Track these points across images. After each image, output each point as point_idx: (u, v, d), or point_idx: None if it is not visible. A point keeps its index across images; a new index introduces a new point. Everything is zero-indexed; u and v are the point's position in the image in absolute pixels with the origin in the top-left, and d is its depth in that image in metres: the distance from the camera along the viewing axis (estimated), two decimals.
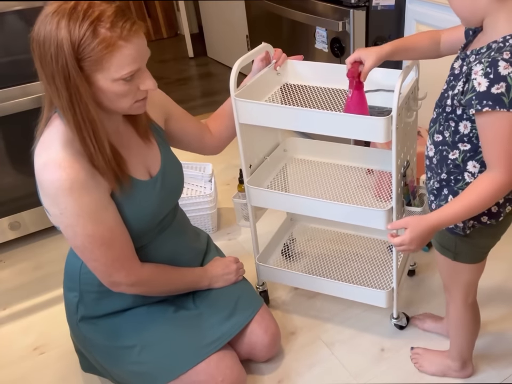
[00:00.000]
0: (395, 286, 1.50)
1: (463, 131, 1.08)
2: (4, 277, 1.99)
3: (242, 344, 1.44)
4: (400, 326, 1.60)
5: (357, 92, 1.26)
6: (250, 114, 1.37)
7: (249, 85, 1.43)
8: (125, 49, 1.04)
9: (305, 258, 1.79)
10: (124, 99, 1.12)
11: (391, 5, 2.16)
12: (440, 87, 1.16)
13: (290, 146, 1.74)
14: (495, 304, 1.67)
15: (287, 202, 1.49)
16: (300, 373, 1.51)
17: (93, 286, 1.31)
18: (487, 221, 1.13)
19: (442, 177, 1.15)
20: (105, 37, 1.02)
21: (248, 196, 1.53)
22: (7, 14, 1.74)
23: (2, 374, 1.59)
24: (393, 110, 1.20)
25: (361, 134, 1.28)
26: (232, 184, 2.38)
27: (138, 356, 1.32)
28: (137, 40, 1.07)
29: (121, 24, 1.03)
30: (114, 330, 1.35)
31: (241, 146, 1.46)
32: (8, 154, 1.95)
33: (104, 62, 1.04)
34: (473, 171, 1.10)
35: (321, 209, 1.44)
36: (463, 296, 1.29)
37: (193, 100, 3.47)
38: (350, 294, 1.57)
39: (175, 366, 1.31)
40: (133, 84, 1.10)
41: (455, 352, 1.42)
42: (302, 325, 1.66)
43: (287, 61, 1.54)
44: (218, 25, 3.81)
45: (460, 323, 1.35)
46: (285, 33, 2.65)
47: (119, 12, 1.05)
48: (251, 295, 1.52)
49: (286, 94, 1.51)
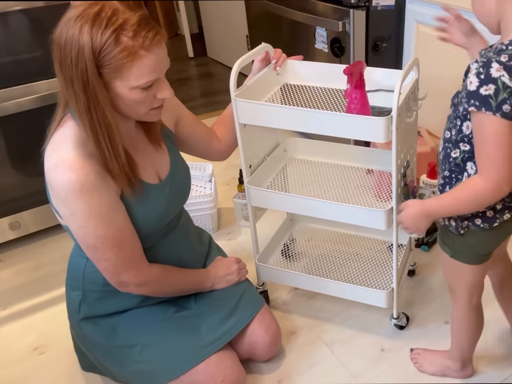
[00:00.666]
0: (395, 286, 1.50)
1: (465, 131, 1.08)
2: (4, 277, 1.99)
3: (243, 344, 1.44)
4: (400, 326, 1.60)
5: (358, 91, 1.26)
6: (250, 115, 1.37)
7: (249, 85, 1.43)
8: (146, 59, 1.05)
9: (305, 258, 1.79)
10: (140, 106, 1.12)
11: (391, 5, 2.16)
12: (440, 87, 1.16)
13: (290, 146, 1.74)
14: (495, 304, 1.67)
15: (287, 202, 1.49)
16: (300, 372, 1.51)
17: (97, 285, 1.31)
18: (480, 224, 1.13)
19: (445, 174, 1.16)
20: (126, 46, 1.02)
21: (248, 196, 1.53)
22: (7, 14, 1.75)
23: (2, 374, 1.59)
24: (393, 110, 1.20)
25: (361, 134, 1.28)
26: (232, 184, 2.39)
27: (139, 355, 1.32)
28: (159, 50, 1.07)
29: (144, 34, 1.04)
30: (115, 329, 1.35)
31: (241, 147, 1.46)
32: (8, 154, 1.95)
33: (124, 70, 1.04)
34: (471, 172, 1.10)
35: (321, 209, 1.44)
36: (467, 297, 1.28)
37: (193, 100, 3.47)
38: (350, 294, 1.57)
39: (175, 366, 1.31)
40: (150, 92, 1.11)
41: (455, 352, 1.41)
42: (302, 325, 1.66)
43: (287, 61, 1.55)
44: (218, 25, 3.81)
45: (463, 324, 1.34)
46: (285, 33, 2.65)
47: (142, 20, 1.05)
48: (252, 295, 1.52)
49: (286, 94, 1.51)
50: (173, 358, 1.31)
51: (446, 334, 1.45)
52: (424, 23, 2.11)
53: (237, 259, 1.54)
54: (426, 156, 2.03)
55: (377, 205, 1.50)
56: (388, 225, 1.37)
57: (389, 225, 1.38)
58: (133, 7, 1.05)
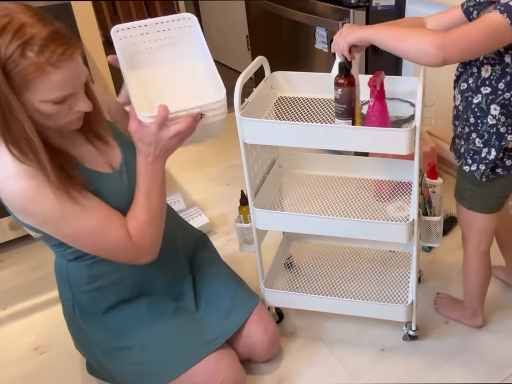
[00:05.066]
0: (414, 299, 1.45)
1: (484, 75, 1.17)
2: (4, 277, 1.99)
3: (241, 346, 1.44)
4: (413, 337, 1.56)
5: (379, 103, 1.21)
6: (257, 134, 1.28)
7: (251, 102, 1.34)
8: (53, 75, 1.00)
9: (311, 277, 1.71)
10: (55, 118, 1.07)
11: (391, 5, 2.16)
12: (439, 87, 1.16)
13: (285, 162, 1.65)
14: (495, 305, 1.67)
15: (299, 222, 1.40)
16: (300, 372, 1.51)
17: (82, 284, 1.31)
18: (501, 172, 1.25)
19: (471, 122, 1.23)
20: (32, 61, 0.98)
21: (253, 219, 1.43)
22: None
23: (2, 374, 1.59)
24: (417, 121, 1.16)
25: (384, 147, 1.21)
26: (232, 184, 2.39)
27: (138, 355, 1.32)
28: (68, 65, 1.01)
29: (51, 49, 0.99)
30: (114, 330, 1.35)
31: (245, 168, 1.36)
32: None
33: (31, 85, 1.00)
34: (495, 113, 1.18)
35: (337, 227, 1.37)
36: (475, 243, 1.41)
37: None
38: (367, 312, 1.51)
39: (175, 365, 1.31)
40: (65, 105, 1.06)
41: (466, 299, 1.56)
42: (302, 325, 1.66)
43: (277, 74, 1.48)
44: (218, 25, 3.81)
45: (470, 270, 1.48)
46: (285, 33, 2.65)
47: (52, 35, 1.00)
48: (246, 292, 1.52)
49: (282, 108, 1.44)
50: (172, 358, 1.32)
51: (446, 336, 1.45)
52: None
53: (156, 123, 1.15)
54: (427, 156, 2.03)
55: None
56: (409, 238, 1.33)
57: (410, 238, 1.33)
58: (44, 21, 1.01)
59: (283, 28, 2.64)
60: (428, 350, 1.54)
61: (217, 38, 3.92)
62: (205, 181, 2.49)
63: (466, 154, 1.27)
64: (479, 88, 1.18)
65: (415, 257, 1.41)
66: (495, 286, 1.72)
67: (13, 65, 0.98)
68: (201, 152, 2.68)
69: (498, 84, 1.15)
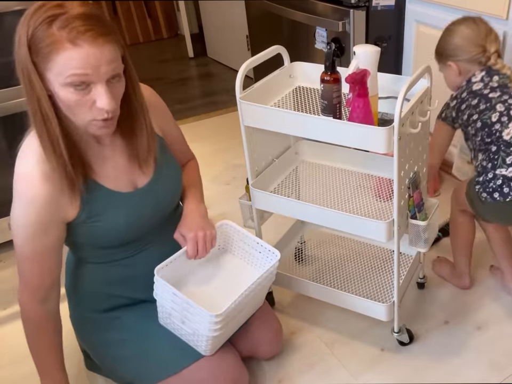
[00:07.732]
0: (396, 300, 1.45)
1: None
2: (4, 277, 1.99)
3: (245, 343, 1.44)
4: (401, 342, 1.55)
5: (361, 100, 1.22)
6: (254, 117, 1.36)
7: (258, 87, 1.42)
8: (71, 51, 0.98)
9: (315, 263, 1.76)
10: (79, 110, 1.05)
11: (391, 5, 2.16)
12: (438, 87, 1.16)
13: (302, 150, 1.71)
14: (495, 304, 1.67)
15: (288, 207, 1.46)
16: (300, 372, 1.51)
17: (93, 283, 1.33)
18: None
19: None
20: (53, 34, 0.98)
21: (252, 199, 1.51)
22: (7, 14, 1.75)
23: (2, 374, 1.60)
24: (395, 121, 1.17)
25: (361, 143, 1.24)
26: (232, 184, 2.39)
27: (140, 349, 1.32)
28: (89, 47, 0.98)
29: (74, 25, 0.97)
30: (115, 326, 1.34)
31: (246, 149, 1.45)
32: (9, 154, 1.94)
33: (50, 60, 0.99)
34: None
35: (322, 216, 1.41)
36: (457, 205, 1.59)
37: (193, 100, 3.47)
38: (351, 305, 1.52)
39: (177, 361, 1.30)
40: (87, 96, 1.03)
41: (454, 259, 1.70)
42: (303, 324, 1.66)
43: (297, 64, 1.55)
44: (218, 25, 3.81)
45: (453, 229, 1.66)
46: (285, 33, 2.65)
47: (83, 15, 0.99)
48: None
49: (299, 97, 1.52)
50: (174, 353, 1.31)
51: (446, 336, 1.45)
52: (424, 23, 2.11)
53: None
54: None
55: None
56: (388, 237, 1.34)
57: (389, 237, 1.34)
58: (86, 4, 1.01)
59: (283, 28, 2.64)
60: (427, 350, 1.54)
61: (217, 38, 3.93)
62: (205, 181, 2.47)
63: None
64: None
65: (396, 257, 1.39)
66: (490, 285, 1.72)
67: (36, 37, 0.98)
68: (201, 152, 2.67)
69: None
